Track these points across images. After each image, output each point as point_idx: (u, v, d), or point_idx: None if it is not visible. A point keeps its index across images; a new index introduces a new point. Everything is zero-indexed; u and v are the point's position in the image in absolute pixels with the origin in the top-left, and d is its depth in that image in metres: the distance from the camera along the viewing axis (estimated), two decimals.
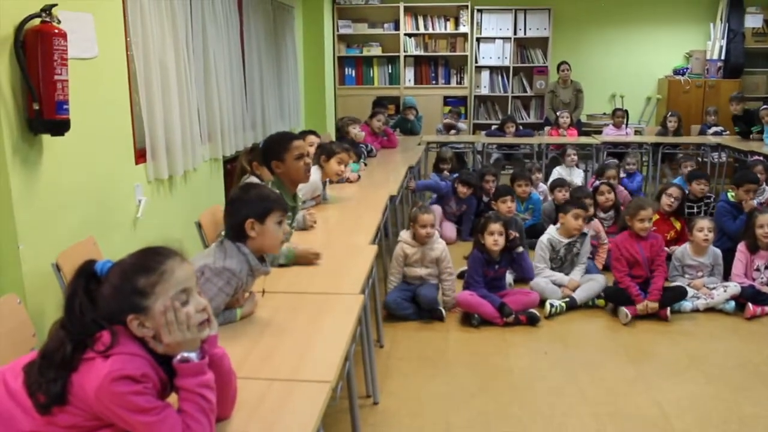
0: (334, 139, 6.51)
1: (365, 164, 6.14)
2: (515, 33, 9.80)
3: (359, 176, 5.44)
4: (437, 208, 6.27)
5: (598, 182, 6.11)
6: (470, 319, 4.42)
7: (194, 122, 4.88)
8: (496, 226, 4.53)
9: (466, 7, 9.72)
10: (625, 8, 9.92)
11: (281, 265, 2.96)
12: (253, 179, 3.64)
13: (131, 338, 1.56)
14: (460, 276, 4.96)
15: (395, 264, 4.62)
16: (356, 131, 6.58)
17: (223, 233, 2.45)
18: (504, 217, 4.87)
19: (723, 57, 9.71)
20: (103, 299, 1.57)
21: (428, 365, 3.86)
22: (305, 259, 3.04)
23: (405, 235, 4.65)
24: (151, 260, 1.59)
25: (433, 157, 7.68)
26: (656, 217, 5.35)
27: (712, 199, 6.13)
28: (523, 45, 9.96)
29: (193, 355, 1.59)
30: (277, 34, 7.40)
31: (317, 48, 8.99)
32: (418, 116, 8.93)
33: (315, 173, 4.13)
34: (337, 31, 9.80)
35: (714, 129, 8.67)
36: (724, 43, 9.67)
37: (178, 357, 1.58)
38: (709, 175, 8.00)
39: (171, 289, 1.57)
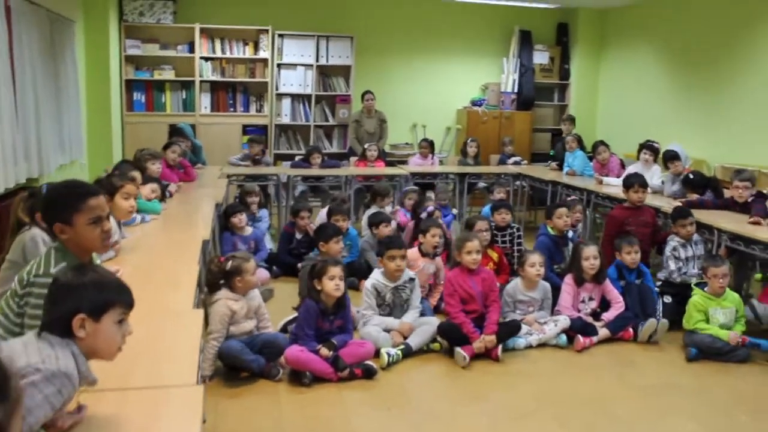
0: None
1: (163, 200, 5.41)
2: (317, 60, 9.48)
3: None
4: None
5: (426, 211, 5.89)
6: (301, 377, 3.92)
7: None
8: (336, 270, 4.03)
9: (267, 31, 9.23)
10: (426, 40, 10.05)
11: None
12: (37, 234, 2.86)
13: None
14: (284, 329, 4.43)
15: (220, 327, 3.87)
16: (155, 167, 5.77)
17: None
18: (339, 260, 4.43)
19: (516, 90, 10.13)
20: None
21: None
22: None
23: (223, 291, 3.99)
24: None
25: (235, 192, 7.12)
26: None
27: (515, 229, 6.17)
28: (325, 73, 9.67)
29: None
30: (56, 51, 6.38)
31: (101, 69, 7.97)
32: (195, 146, 8.03)
33: None
34: (125, 51, 8.81)
35: (514, 158, 8.92)
36: (516, 77, 10.11)
37: None
38: (512, 204, 8.19)
39: None
